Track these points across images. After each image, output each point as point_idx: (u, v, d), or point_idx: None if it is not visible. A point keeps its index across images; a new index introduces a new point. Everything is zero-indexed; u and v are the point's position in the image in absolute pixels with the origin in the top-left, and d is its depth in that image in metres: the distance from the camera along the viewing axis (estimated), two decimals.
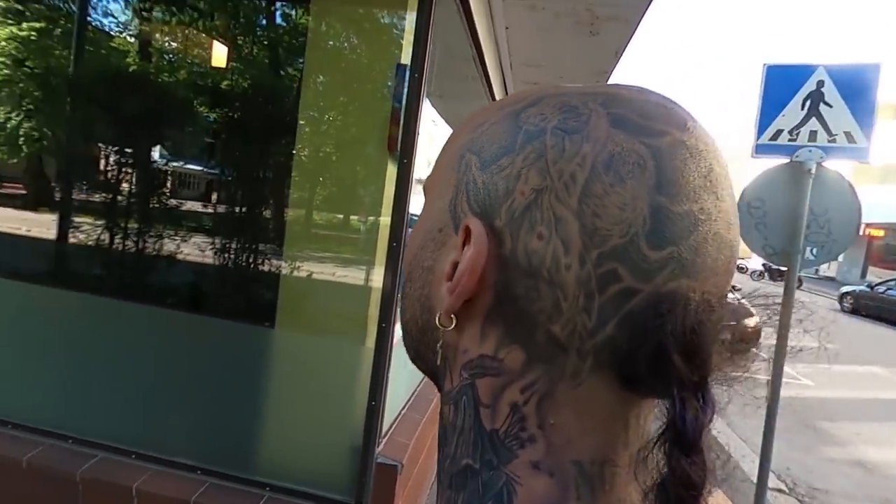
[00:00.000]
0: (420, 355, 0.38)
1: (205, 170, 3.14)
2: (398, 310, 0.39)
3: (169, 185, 2.97)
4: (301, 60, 2.17)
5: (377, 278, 1.85)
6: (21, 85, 3.69)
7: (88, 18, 3.37)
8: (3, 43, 3.57)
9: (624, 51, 3.03)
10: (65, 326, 2.13)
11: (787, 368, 6.91)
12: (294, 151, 2.00)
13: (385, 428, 2.02)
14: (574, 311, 0.28)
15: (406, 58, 1.79)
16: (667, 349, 0.26)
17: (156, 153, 3.09)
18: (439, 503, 0.33)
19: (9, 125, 3.65)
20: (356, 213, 2.16)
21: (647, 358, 0.27)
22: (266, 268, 2.22)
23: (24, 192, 4.18)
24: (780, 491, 3.64)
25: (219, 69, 2.95)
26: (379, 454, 1.91)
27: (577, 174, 0.28)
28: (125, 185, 2.91)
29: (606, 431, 0.29)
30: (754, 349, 0.33)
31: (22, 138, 3.63)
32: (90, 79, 3.16)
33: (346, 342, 1.99)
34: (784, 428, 4.88)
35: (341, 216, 2.22)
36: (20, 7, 3.52)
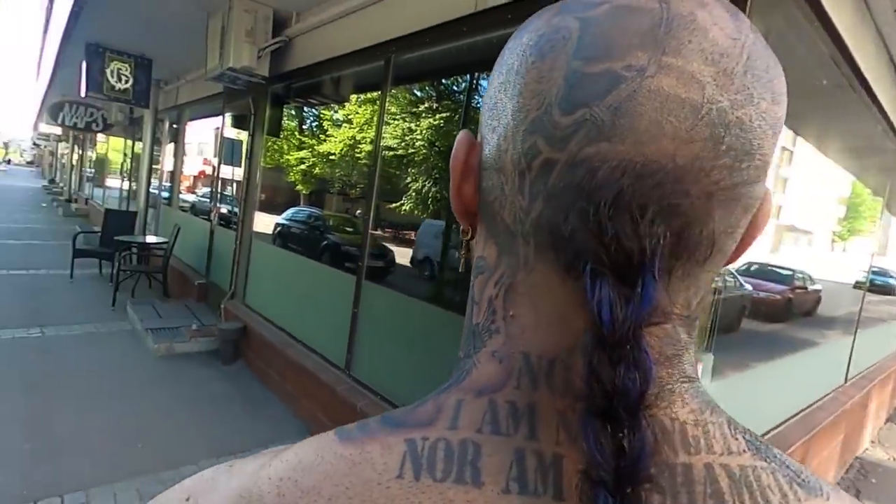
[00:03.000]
0: None
1: None
2: None
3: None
4: None
5: None
6: (432, 160, 5.02)
7: (473, 103, 4.41)
8: (425, 131, 4.95)
9: None
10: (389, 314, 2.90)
11: None
12: None
13: None
14: (513, 194, 0.28)
15: None
16: (571, 218, 0.24)
17: None
18: None
19: (423, 190, 5.02)
20: None
21: (567, 233, 0.25)
22: None
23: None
24: None
25: None
26: None
27: (514, 63, 0.28)
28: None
29: (561, 328, 0.27)
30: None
31: (429, 199, 4.96)
32: None
33: None
34: None
35: None
36: (436, 104, 4.87)
